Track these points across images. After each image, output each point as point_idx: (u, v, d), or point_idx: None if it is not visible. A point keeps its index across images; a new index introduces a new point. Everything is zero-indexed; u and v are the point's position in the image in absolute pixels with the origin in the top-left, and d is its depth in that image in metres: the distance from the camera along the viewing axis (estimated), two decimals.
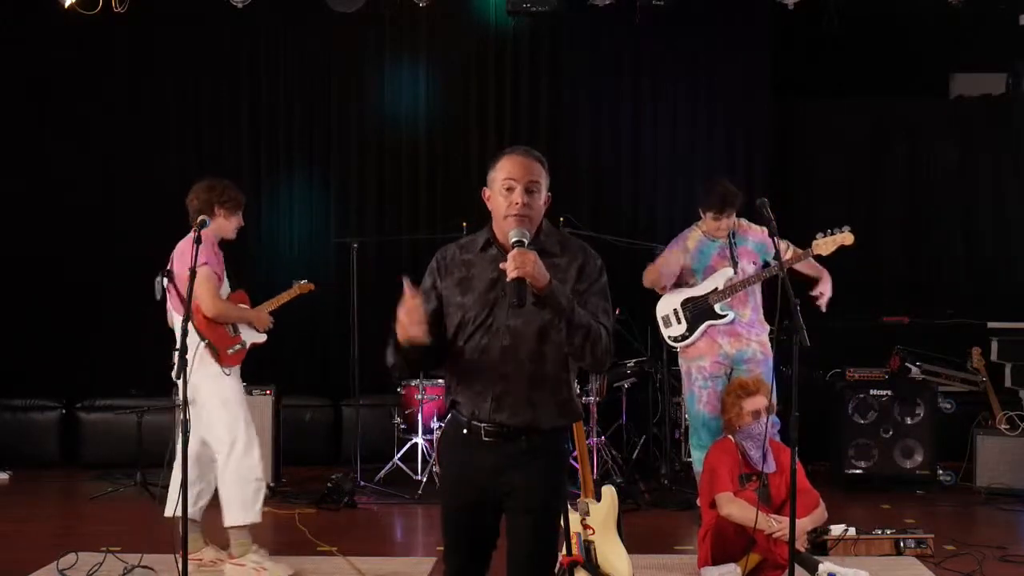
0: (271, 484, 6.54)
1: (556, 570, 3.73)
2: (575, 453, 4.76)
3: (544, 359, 3.05)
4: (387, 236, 8.05)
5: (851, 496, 6.62)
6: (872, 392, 6.98)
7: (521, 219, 3.02)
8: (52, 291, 8.14)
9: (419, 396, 6.91)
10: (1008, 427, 6.79)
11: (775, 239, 4.03)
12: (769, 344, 5.82)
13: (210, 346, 4.95)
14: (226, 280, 5.13)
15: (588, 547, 4.50)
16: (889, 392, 6.96)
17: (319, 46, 8.38)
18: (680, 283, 5.89)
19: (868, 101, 8.62)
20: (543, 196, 3.11)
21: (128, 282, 8.17)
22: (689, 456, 7.21)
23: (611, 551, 4.49)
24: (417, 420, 6.95)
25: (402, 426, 7.11)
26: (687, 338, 5.82)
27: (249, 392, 6.72)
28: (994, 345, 7.25)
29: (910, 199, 8.66)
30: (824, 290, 5.76)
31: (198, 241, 4.43)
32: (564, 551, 4.04)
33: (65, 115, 8.17)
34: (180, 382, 4.04)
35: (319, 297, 6.90)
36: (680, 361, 5.98)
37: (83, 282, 8.18)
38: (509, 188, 3.05)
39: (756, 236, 5.80)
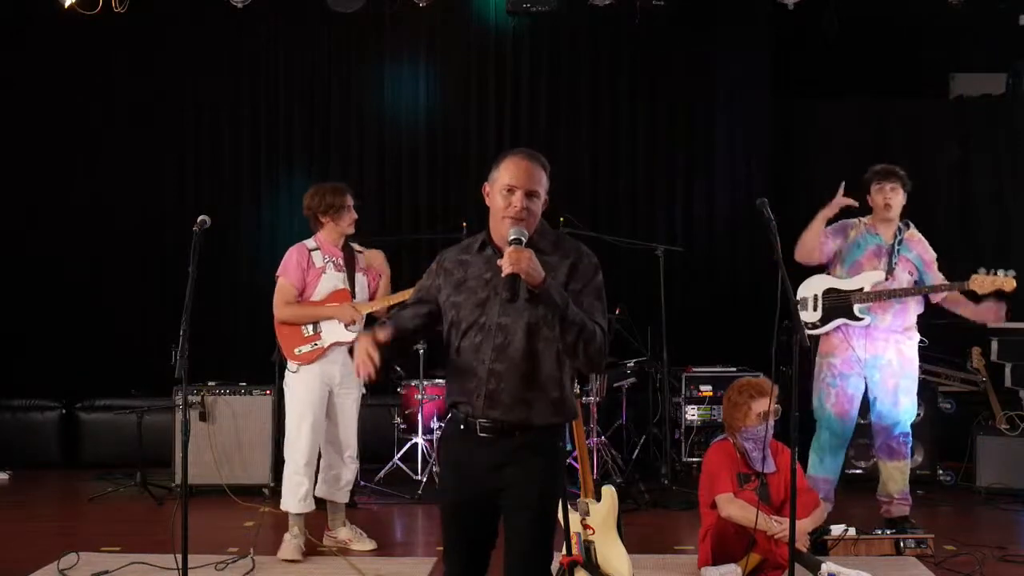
0: (271, 484, 6.54)
1: (556, 570, 3.74)
2: (575, 453, 4.77)
3: (537, 357, 3.09)
4: (387, 236, 8.05)
5: (851, 496, 6.61)
6: None
7: (518, 222, 3.08)
8: (52, 291, 8.15)
9: (419, 396, 6.91)
10: (1008, 427, 6.79)
11: (776, 239, 4.03)
12: (914, 355, 5.67)
13: (282, 341, 5.33)
14: (331, 280, 5.38)
15: (588, 547, 4.50)
16: None
17: (319, 46, 8.38)
18: (827, 268, 5.76)
19: (868, 101, 8.62)
20: (542, 200, 3.16)
21: (128, 282, 8.21)
22: (689, 456, 7.23)
23: (611, 551, 4.49)
24: (417, 420, 6.95)
25: (402, 426, 7.11)
26: (816, 328, 5.67)
27: (249, 392, 6.77)
28: (994, 345, 7.25)
29: (910, 199, 8.63)
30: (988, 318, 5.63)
31: (197, 241, 4.46)
32: (564, 551, 4.04)
33: (65, 115, 8.17)
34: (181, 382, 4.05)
35: None
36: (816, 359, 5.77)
37: (83, 282, 8.18)
38: (510, 191, 3.10)
39: (919, 250, 5.71)
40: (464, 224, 6.42)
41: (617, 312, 6.89)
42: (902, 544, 5.35)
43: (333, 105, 8.42)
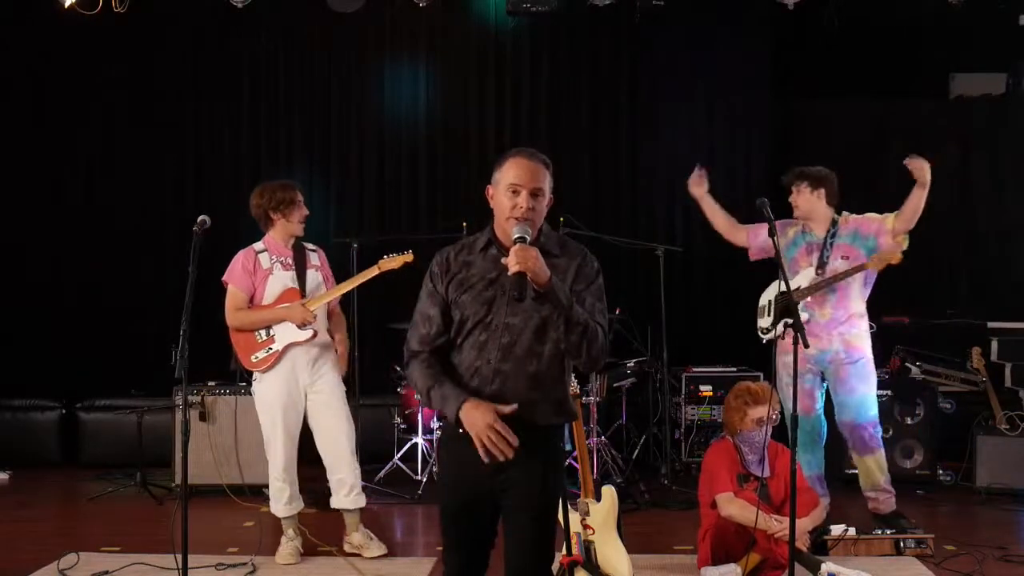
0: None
1: (556, 570, 3.73)
2: (575, 453, 4.77)
3: (541, 357, 3.10)
4: (387, 236, 8.04)
5: (851, 496, 6.61)
6: None
7: (524, 222, 3.09)
8: (52, 291, 8.15)
9: (419, 396, 6.90)
10: (1008, 427, 6.79)
11: (774, 239, 4.04)
12: (862, 343, 5.65)
13: (237, 349, 5.27)
14: (279, 280, 5.29)
15: (588, 547, 4.50)
16: (889, 392, 6.95)
17: (319, 46, 8.39)
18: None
19: (868, 101, 8.62)
20: (546, 200, 3.17)
21: (128, 282, 8.21)
22: (689, 456, 7.25)
23: (611, 551, 4.49)
24: (417, 420, 6.96)
25: (402, 426, 7.11)
26: (768, 332, 5.74)
27: (249, 392, 6.74)
28: (994, 345, 7.26)
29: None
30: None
31: (197, 241, 4.47)
32: (564, 551, 4.04)
33: (65, 115, 8.17)
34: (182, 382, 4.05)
35: None
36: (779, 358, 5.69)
37: (83, 282, 8.18)
38: (514, 191, 3.11)
39: (855, 227, 5.69)
40: (464, 224, 6.42)
41: (617, 312, 6.89)
42: (902, 544, 5.35)
43: (333, 105, 8.42)
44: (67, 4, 7.07)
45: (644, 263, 7.30)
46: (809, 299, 5.62)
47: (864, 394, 5.63)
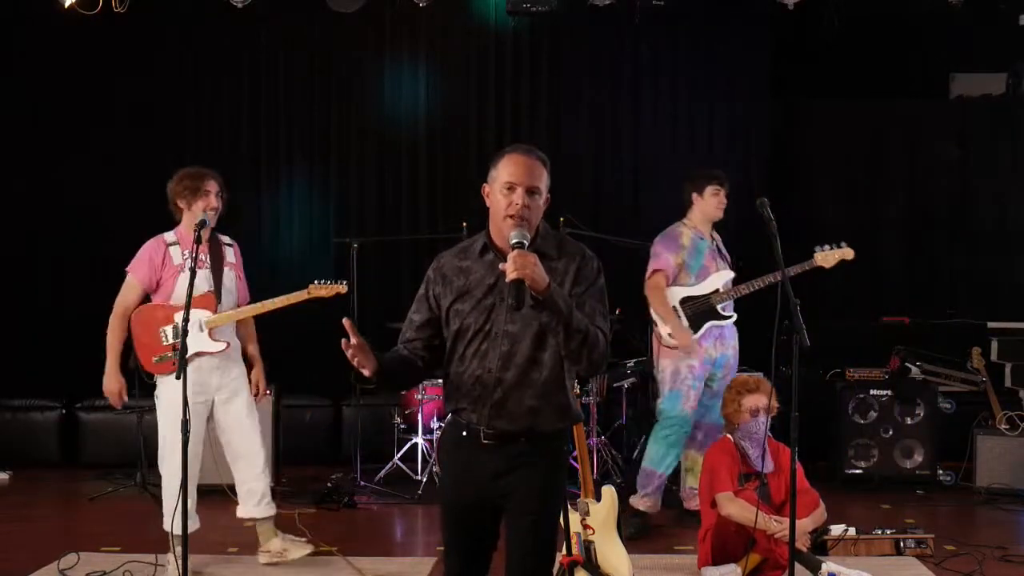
0: (271, 484, 6.52)
1: (556, 570, 3.73)
2: (575, 453, 4.77)
3: (542, 364, 3.05)
4: (387, 236, 8.05)
5: (851, 496, 6.62)
6: (872, 392, 6.98)
7: (520, 220, 3.01)
8: (52, 291, 8.15)
9: (419, 396, 6.91)
10: (1008, 427, 6.79)
11: (776, 240, 4.03)
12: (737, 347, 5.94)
13: (134, 353, 4.99)
14: (200, 279, 4.88)
15: (588, 547, 4.50)
16: (889, 392, 6.96)
17: (319, 46, 8.38)
18: (673, 281, 5.85)
19: (868, 101, 8.61)
20: (543, 198, 3.10)
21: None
22: None
23: (611, 551, 4.50)
24: (417, 420, 6.96)
25: (402, 426, 7.11)
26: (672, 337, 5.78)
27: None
28: (994, 345, 7.26)
29: (910, 199, 8.66)
30: None
31: (197, 241, 4.47)
32: (564, 551, 4.04)
33: (65, 115, 8.16)
34: (180, 382, 4.03)
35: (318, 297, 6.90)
36: (663, 361, 5.85)
37: (83, 282, 8.17)
38: (510, 188, 3.04)
39: (719, 241, 5.95)
40: (464, 224, 6.42)
41: (617, 312, 6.88)
42: (902, 544, 5.35)
43: (333, 105, 8.41)
44: (67, 4, 7.06)
45: (644, 263, 7.27)
46: (728, 302, 5.82)
47: None
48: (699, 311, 5.80)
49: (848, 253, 5.62)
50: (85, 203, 8.23)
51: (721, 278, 5.82)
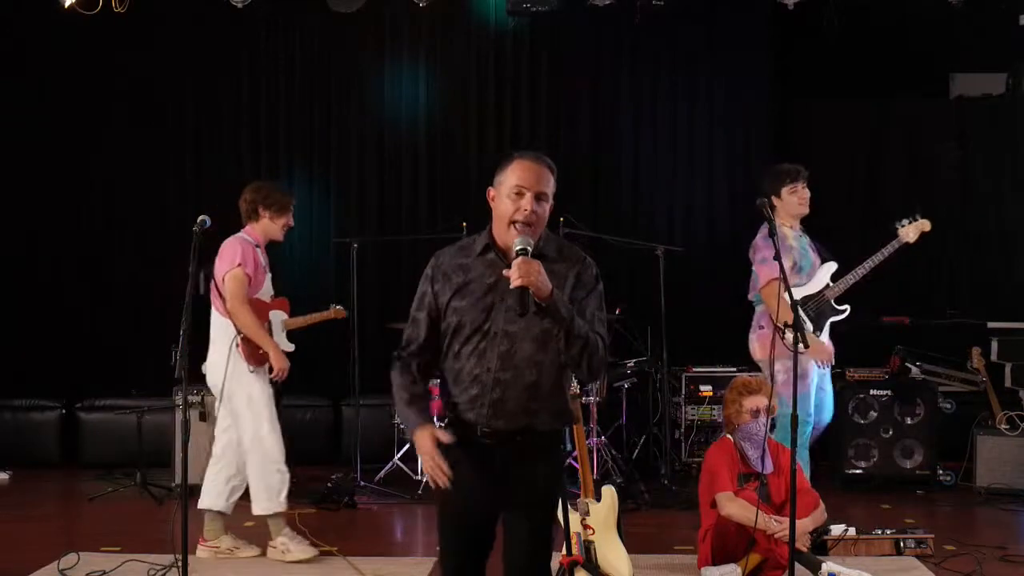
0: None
1: (556, 570, 3.74)
2: (575, 453, 4.77)
3: (541, 365, 3.05)
4: (387, 236, 8.05)
5: (851, 496, 6.62)
6: (872, 392, 6.98)
7: (526, 226, 3.03)
8: (53, 291, 8.15)
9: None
10: (1008, 427, 6.79)
11: (774, 239, 4.04)
12: None
13: (245, 340, 5.10)
14: (268, 284, 5.29)
15: (588, 547, 4.50)
16: (889, 392, 6.96)
17: (319, 46, 8.38)
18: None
19: (868, 101, 8.61)
20: (549, 204, 3.12)
21: (128, 282, 8.21)
22: (689, 456, 7.24)
23: (611, 551, 4.50)
24: None
25: (402, 426, 7.11)
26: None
27: None
28: (994, 345, 7.26)
29: (910, 199, 8.64)
30: None
31: (197, 241, 4.46)
32: (564, 551, 4.04)
33: (65, 115, 8.16)
34: (182, 382, 4.05)
35: (319, 297, 6.91)
36: (781, 362, 5.29)
37: (84, 282, 8.18)
38: (519, 193, 3.05)
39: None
40: (463, 224, 6.42)
41: (617, 312, 6.89)
42: (902, 544, 5.35)
43: (333, 105, 8.41)
44: (67, 4, 7.06)
45: (644, 263, 7.29)
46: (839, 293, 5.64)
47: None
48: (819, 310, 5.61)
49: (926, 224, 5.59)
50: (85, 202, 8.24)
51: (826, 272, 5.65)
